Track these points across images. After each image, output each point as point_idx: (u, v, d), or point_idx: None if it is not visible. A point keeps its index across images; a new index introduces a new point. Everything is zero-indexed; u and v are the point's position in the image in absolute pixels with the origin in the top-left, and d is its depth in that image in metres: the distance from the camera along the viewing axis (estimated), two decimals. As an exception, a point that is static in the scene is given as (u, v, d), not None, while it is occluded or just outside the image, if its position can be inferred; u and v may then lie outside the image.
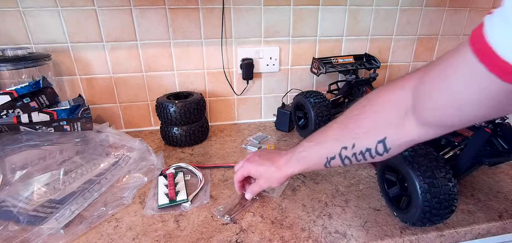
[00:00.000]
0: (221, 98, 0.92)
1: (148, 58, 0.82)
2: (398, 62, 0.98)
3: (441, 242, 0.48)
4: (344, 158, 0.41)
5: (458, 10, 0.95)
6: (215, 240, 0.46)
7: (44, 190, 0.53)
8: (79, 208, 0.51)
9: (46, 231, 0.46)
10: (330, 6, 0.85)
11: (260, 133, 0.87)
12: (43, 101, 0.67)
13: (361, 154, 0.39)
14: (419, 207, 0.43)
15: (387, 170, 0.51)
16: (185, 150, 0.76)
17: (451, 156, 0.53)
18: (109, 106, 0.85)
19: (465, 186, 0.58)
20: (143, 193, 0.57)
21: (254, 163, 0.51)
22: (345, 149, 0.40)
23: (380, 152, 0.37)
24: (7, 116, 0.62)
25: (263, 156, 0.52)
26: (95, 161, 0.62)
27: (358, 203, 0.54)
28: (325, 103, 0.74)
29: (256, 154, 0.53)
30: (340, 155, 0.41)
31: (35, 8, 0.71)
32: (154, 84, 0.85)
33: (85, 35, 0.76)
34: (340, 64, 0.86)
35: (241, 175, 0.53)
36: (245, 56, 0.86)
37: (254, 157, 0.52)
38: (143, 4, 0.76)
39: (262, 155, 0.52)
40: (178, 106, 0.72)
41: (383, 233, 0.47)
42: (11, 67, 0.66)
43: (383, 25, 0.92)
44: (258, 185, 0.52)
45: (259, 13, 0.82)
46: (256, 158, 0.52)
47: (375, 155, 0.38)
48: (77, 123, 0.68)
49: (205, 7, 0.79)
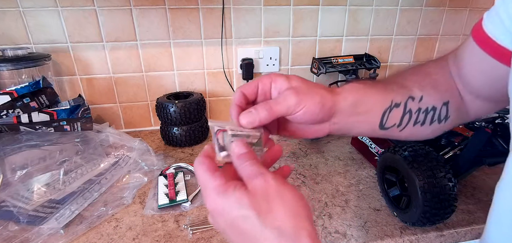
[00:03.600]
0: (221, 98, 0.92)
1: (148, 58, 0.82)
2: (398, 62, 0.98)
3: (441, 242, 0.48)
4: (408, 111, 0.35)
5: (458, 10, 0.95)
6: (215, 240, 0.46)
7: (44, 190, 0.53)
8: (79, 208, 0.51)
9: (46, 231, 0.46)
10: (330, 6, 0.85)
11: (260, 133, 0.87)
12: (43, 101, 0.67)
13: (425, 113, 0.35)
14: (419, 207, 0.43)
15: (387, 170, 0.51)
16: (185, 150, 0.76)
17: (451, 156, 0.53)
18: (109, 106, 0.85)
19: (465, 186, 0.58)
20: (143, 193, 0.57)
21: (292, 78, 0.32)
22: (412, 100, 0.35)
23: (442, 117, 0.35)
24: (7, 116, 0.62)
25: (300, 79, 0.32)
26: (95, 161, 0.62)
27: (358, 203, 0.54)
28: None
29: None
30: (405, 105, 0.34)
31: (35, 8, 0.71)
32: (154, 84, 0.85)
33: (85, 35, 0.76)
34: (340, 64, 0.86)
35: (258, 87, 0.32)
36: (245, 56, 0.86)
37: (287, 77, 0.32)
38: (143, 4, 0.76)
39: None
40: (178, 106, 0.72)
41: (383, 233, 0.47)
42: (11, 67, 0.66)
43: (383, 25, 0.92)
44: (288, 101, 0.29)
45: (259, 13, 0.82)
46: (292, 76, 0.32)
47: (436, 119, 0.35)
48: (77, 123, 0.68)
49: (205, 7, 0.79)
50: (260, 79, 0.32)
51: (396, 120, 0.35)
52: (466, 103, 0.37)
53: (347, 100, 0.32)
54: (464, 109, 0.37)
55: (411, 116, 0.35)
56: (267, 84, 0.31)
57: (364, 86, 0.34)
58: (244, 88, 0.31)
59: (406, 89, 0.35)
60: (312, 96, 0.30)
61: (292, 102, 0.29)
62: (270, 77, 0.31)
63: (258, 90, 0.32)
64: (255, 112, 0.29)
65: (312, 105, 0.30)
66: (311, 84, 0.31)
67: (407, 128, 0.35)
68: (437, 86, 0.36)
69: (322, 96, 0.30)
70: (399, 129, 0.35)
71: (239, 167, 0.26)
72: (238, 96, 0.31)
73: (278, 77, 0.31)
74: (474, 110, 0.37)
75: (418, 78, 0.36)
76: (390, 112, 0.34)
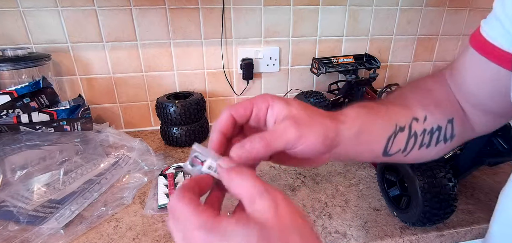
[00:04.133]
0: (221, 98, 0.92)
1: (148, 58, 0.82)
2: (398, 62, 0.98)
3: (441, 242, 0.48)
4: (413, 134, 0.32)
5: (458, 10, 0.95)
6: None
7: (44, 190, 0.53)
8: (79, 208, 0.51)
9: (46, 231, 0.46)
10: (330, 6, 0.85)
11: (260, 133, 0.87)
12: (43, 101, 0.67)
13: (430, 134, 0.33)
14: (419, 207, 0.43)
15: (387, 170, 0.51)
16: (185, 150, 0.76)
17: (451, 156, 0.53)
18: (109, 106, 0.85)
19: (465, 186, 0.58)
20: (143, 193, 0.57)
21: (293, 103, 0.28)
22: (416, 122, 0.33)
23: (447, 136, 0.33)
24: (7, 116, 0.62)
25: (299, 103, 0.28)
26: (95, 161, 0.62)
27: (358, 203, 0.54)
28: (325, 103, 0.74)
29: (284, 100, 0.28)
30: (410, 128, 0.32)
31: (35, 8, 0.71)
32: (154, 84, 0.85)
33: (85, 35, 0.76)
34: (340, 64, 0.86)
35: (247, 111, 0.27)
36: (245, 56, 0.86)
37: (282, 100, 0.28)
38: (143, 4, 0.76)
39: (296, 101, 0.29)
40: (178, 106, 0.72)
41: (383, 233, 0.47)
42: (11, 67, 0.66)
43: (383, 25, 0.92)
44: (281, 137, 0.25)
45: (259, 13, 0.82)
46: (292, 101, 0.28)
47: (442, 139, 0.33)
48: (77, 123, 0.68)
49: (205, 7, 0.79)
50: (255, 101, 0.27)
51: (401, 145, 0.32)
52: (470, 117, 0.35)
53: (351, 129, 0.29)
54: (469, 124, 0.36)
55: (416, 139, 0.33)
56: (263, 109, 0.27)
57: (367, 111, 0.32)
58: (235, 110, 0.26)
59: (408, 109, 0.33)
60: (314, 127, 0.26)
61: (291, 136, 0.25)
62: (266, 100, 0.27)
63: (252, 114, 0.27)
64: (249, 146, 0.24)
65: (314, 139, 0.26)
66: (312, 112, 0.28)
67: (413, 152, 0.33)
68: (439, 103, 0.34)
69: (325, 128, 0.27)
70: (404, 154, 0.33)
71: (234, 185, 0.21)
72: (225, 121, 0.26)
73: (276, 102, 0.27)
74: (479, 124, 0.36)
75: (419, 96, 0.34)
76: (394, 137, 0.32)
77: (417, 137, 0.32)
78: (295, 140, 0.25)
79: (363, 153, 0.32)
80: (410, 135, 0.32)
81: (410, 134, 0.32)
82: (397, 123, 0.32)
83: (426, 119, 0.33)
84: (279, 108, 0.27)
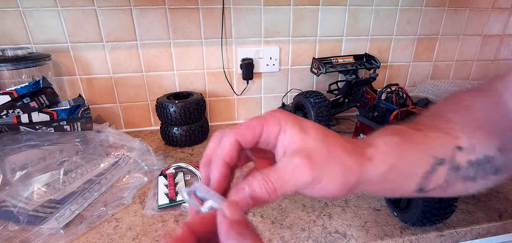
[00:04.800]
0: (221, 98, 0.92)
1: (148, 58, 0.82)
2: (398, 62, 0.98)
3: (441, 242, 0.48)
4: (455, 167, 0.26)
5: (458, 10, 0.95)
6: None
7: (44, 190, 0.53)
8: (79, 208, 0.51)
9: (46, 231, 0.46)
10: (330, 6, 0.85)
11: (260, 133, 0.87)
12: (43, 101, 0.67)
13: (477, 166, 0.26)
14: (419, 207, 0.43)
15: (387, 170, 0.51)
16: (185, 150, 0.76)
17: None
18: (109, 106, 0.85)
19: (465, 186, 0.58)
20: (143, 193, 0.57)
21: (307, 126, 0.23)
22: (460, 151, 0.26)
23: (496, 166, 0.27)
24: (7, 116, 0.62)
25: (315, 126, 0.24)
26: (95, 161, 0.62)
27: (358, 203, 0.54)
28: (325, 103, 0.74)
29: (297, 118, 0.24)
30: (452, 160, 0.26)
31: (35, 8, 0.71)
32: (154, 84, 0.85)
33: (85, 35, 0.76)
34: (340, 64, 0.86)
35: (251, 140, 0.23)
36: (245, 56, 0.86)
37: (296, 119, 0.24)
38: (143, 4, 0.76)
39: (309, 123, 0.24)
40: (178, 106, 0.72)
41: (383, 233, 0.47)
42: (11, 67, 0.66)
43: (383, 25, 0.92)
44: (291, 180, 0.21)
45: (259, 13, 0.82)
46: (308, 127, 0.23)
47: (490, 171, 0.27)
48: (77, 123, 0.68)
49: (205, 7, 0.79)
50: (265, 123, 0.23)
51: (440, 180, 0.26)
52: None
53: (379, 168, 0.24)
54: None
55: (458, 172, 0.26)
56: (274, 131, 0.23)
57: (401, 141, 0.26)
58: (241, 135, 0.22)
59: (451, 136, 0.27)
60: (333, 167, 0.22)
61: (303, 179, 0.21)
62: (278, 123, 0.23)
63: (262, 137, 0.23)
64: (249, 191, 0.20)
65: (330, 185, 0.22)
66: (332, 145, 0.22)
67: (455, 187, 0.27)
68: (489, 128, 0.27)
69: (345, 170, 0.22)
70: (442, 191, 0.27)
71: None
72: (230, 148, 0.22)
73: (289, 127, 0.22)
74: None
75: (463, 118, 0.28)
76: (432, 173, 0.26)
77: (459, 170, 0.26)
78: (307, 185, 0.21)
79: (390, 190, 0.27)
80: (452, 168, 0.26)
81: (452, 167, 0.26)
82: (435, 154, 0.26)
83: (473, 147, 0.27)
84: (291, 136, 0.22)
